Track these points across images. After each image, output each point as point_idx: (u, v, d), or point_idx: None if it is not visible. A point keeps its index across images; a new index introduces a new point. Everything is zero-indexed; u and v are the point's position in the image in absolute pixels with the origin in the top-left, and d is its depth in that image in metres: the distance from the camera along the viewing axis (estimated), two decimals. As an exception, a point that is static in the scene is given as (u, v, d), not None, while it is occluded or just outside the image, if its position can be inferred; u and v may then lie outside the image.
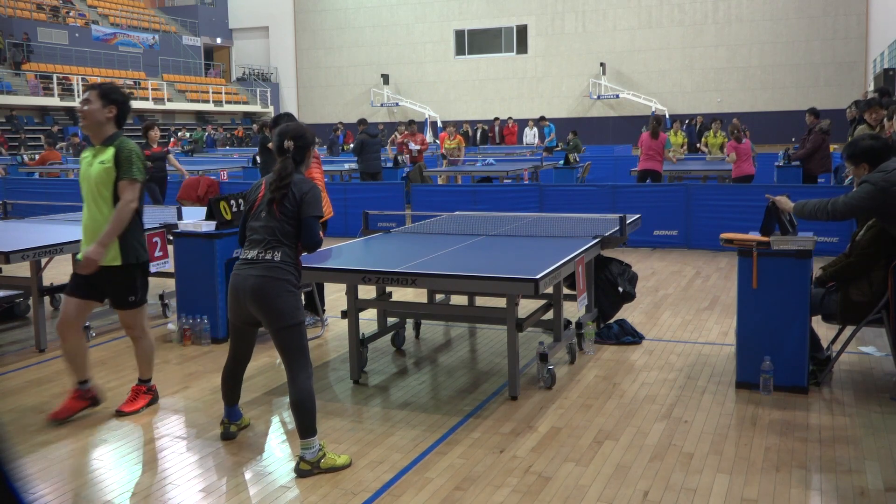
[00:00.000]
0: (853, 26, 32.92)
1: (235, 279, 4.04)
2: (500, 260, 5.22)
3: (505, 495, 3.68)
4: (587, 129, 31.36)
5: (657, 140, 12.22)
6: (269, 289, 3.92)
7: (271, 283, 3.92)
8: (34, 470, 4.05)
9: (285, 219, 3.98)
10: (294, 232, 4.01)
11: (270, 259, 3.95)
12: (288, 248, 3.99)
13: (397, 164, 16.15)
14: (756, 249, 4.95)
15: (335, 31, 40.99)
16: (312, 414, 3.95)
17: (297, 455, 3.99)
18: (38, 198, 13.73)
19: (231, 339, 4.29)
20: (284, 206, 3.98)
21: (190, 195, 10.65)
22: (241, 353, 4.31)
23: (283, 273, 3.95)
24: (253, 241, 4.03)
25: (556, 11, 37.02)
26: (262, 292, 3.92)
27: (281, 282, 3.93)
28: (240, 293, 4.00)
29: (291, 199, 3.98)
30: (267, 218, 4.01)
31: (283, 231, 3.98)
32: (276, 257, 3.95)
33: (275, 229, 3.98)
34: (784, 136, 28.19)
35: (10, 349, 6.40)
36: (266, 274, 3.93)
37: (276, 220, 3.99)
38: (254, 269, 3.96)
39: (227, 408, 4.43)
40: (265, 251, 3.97)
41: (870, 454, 4.07)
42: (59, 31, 34.05)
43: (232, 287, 4.06)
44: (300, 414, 3.94)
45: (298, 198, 3.99)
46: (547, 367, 5.12)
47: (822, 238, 8.74)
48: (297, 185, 4.02)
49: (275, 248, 3.97)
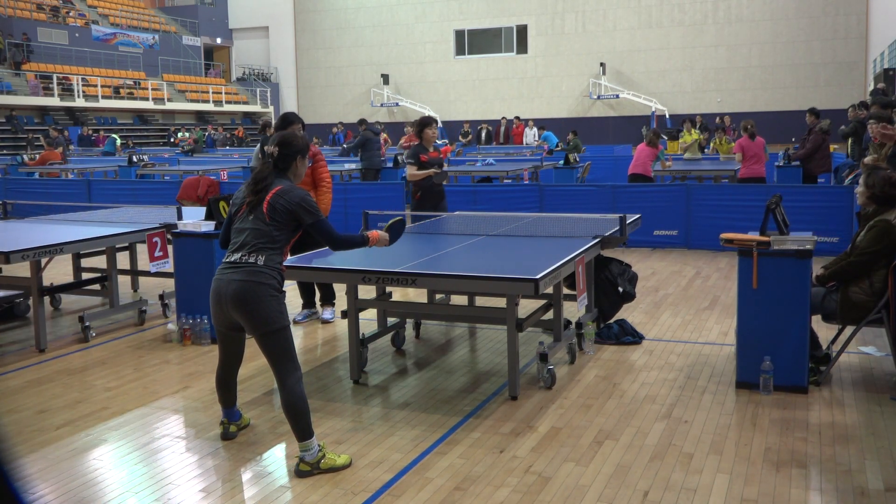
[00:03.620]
0: (853, 26, 32.90)
1: (217, 284, 3.97)
2: (500, 260, 5.22)
3: (505, 495, 3.68)
4: (587, 129, 31.33)
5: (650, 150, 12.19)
6: (251, 294, 3.85)
7: (253, 287, 3.86)
8: (34, 470, 4.05)
9: (275, 224, 3.93)
10: (282, 237, 3.96)
11: (254, 263, 3.89)
12: (273, 252, 3.93)
13: (397, 163, 16.15)
14: (756, 249, 4.95)
15: (335, 31, 40.97)
16: (306, 416, 3.92)
17: (297, 456, 3.99)
18: (38, 198, 13.72)
19: (219, 344, 4.26)
20: (275, 211, 3.92)
21: (190, 195, 10.65)
22: (231, 357, 4.27)
23: (266, 278, 3.89)
24: (237, 244, 3.97)
25: (556, 11, 37.00)
26: (244, 298, 3.86)
27: (263, 286, 3.87)
28: (222, 298, 3.94)
29: (284, 208, 3.92)
30: (255, 221, 3.95)
31: (271, 236, 3.92)
32: (259, 261, 3.90)
33: (262, 232, 3.92)
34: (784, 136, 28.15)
35: (10, 349, 6.40)
36: (248, 279, 3.86)
37: (265, 224, 3.93)
38: (236, 274, 3.90)
39: (224, 410, 4.42)
40: (249, 254, 3.91)
41: (870, 454, 4.07)
42: (59, 31, 34.03)
43: (213, 292, 3.99)
44: (294, 418, 3.91)
45: (292, 208, 3.93)
46: (547, 367, 5.12)
47: (822, 238, 8.74)
48: (287, 193, 3.96)
49: (259, 252, 3.91)
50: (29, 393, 5.28)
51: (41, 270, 6.40)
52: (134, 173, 16.56)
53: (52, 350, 6.26)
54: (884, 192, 5.04)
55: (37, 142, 26.08)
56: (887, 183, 5.05)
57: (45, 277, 6.66)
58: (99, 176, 16.86)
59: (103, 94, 32.56)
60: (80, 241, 6.46)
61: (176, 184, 13.08)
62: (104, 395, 5.19)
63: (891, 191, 5.04)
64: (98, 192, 14.04)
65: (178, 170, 17.43)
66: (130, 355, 6.14)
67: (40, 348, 6.24)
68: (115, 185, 15.46)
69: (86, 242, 6.54)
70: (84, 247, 6.63)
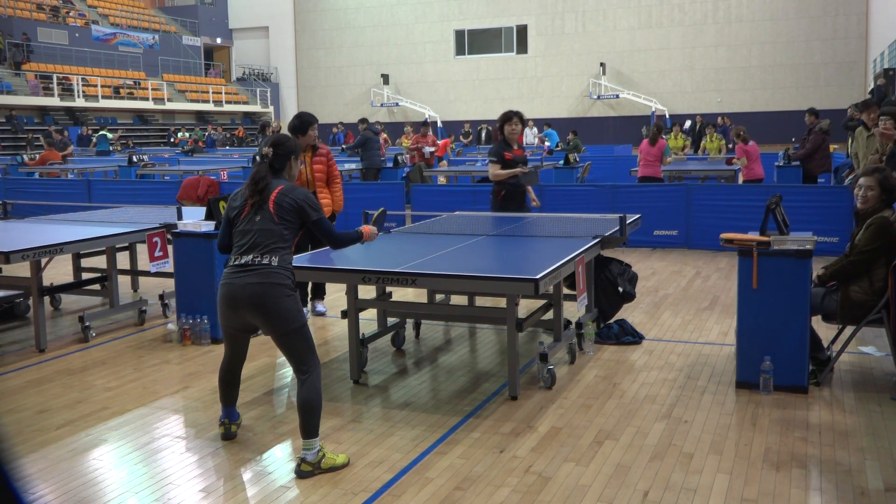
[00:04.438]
0: (853, 26, 32.91)
1: (230, 288, 3.95)
2: (500, 260, 5.23)
3: (505, 495, 3.68)
4: (587, 129, 31.35)
5: (655, 147, 12.21)
6: (269, 296, 3.87)
7: (271, 289, 3.87)
8: (34, 470, 4.05)
9: (284, 223, 3.96)
10: (291, 236, 4.01)
11: (268, 264, 3.90)
12: (285, 252, 3.97)
13: (397, 163, 16.16)
14: (756, 249, 4.95)
15: (335, 31, 40.99)
16: (318, 414, 3.94)
17: (299, 456, 3.98)
18: (38, 198, 13.72)
19: (226, 344, 4.27)
20: (282, 209, 3.96)
21: (190, 195, 10.65)
22: (237, 355, 4.30)
23: (282, 278, 3.91)
24: (246, 246, 3.96)
25: (556, 11, 37.01)
26: (262, 300, 3.87)
27: (279, 287, 3.89)
28: (237, 302, 3.93)
29: (290, 206, 3.97)
30: (262, 221, 3.95)
31: (282, 235, 3.96)
32: (273, 262, 3.91)
33: (273, 232, 3.94)
34: (784, 136, 28.18)
35: (10, 349, 6.40)
36: (265, 280, 3.87)
37: (274, 223, 3.95)
38: (251, 277, 3.89)
39: (224, 408, 4.42)
40: (261, 255, 3.92)
41: (870, 454, 4.07)
42: (59, 31, 34.04)
43: (226, 296, 3.97)
44: (307, 414, 3.91)
45: (298, 205, 3.98)
46: (547, 367, 5.12)
47: (822, 238, 8.74)
48: (292, 191, 4.03)
49: (273, 253, 3.92)
50: (29, 393, 5.28)
51: (41, 270, 6.40)
52: (134, 173, 16.57)
53: (52, 350, 6.26)
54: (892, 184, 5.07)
55: (36, 142, 26.09)
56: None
57: (45, 277, 6.66)
58: (99, 176, 16.87)
59: (103, 94, 32.58)
60: (80, 241, 6.46)
61: (176, 184, 13.08)
62: (104, 395, 5.19)
63: None
64: (98, 192, 14.05)
65: (178, 170, 17.44)
66: (130, 355, 6.14)
67: (40, 348, 6.24)
68: (115, 185, 15.46)
69: (86, 242, 6.54)
70: (84, 247, 6.63)
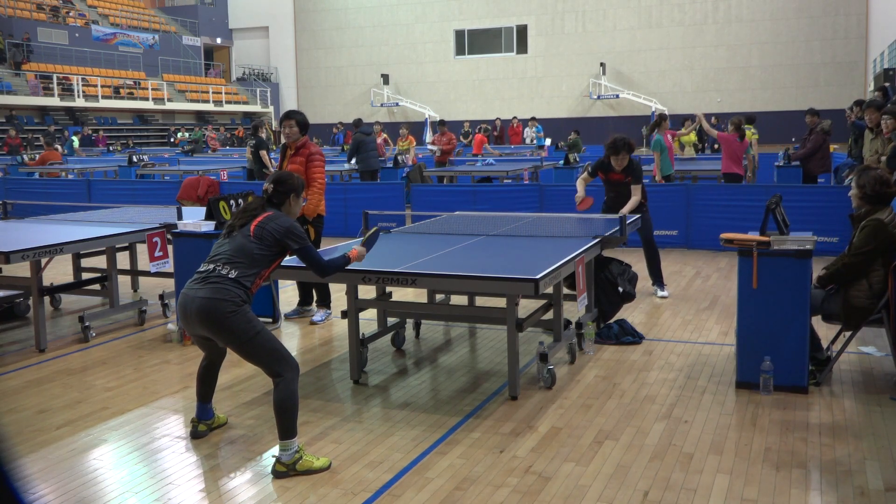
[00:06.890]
0: (853, 26, 32.91)
1: (184, 299, 4.00)
2: (500, 260, 5.22)
3: (505, 495, 3.68)
4: (587, 129, 31.33)
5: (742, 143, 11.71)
6: (216, 311, 3.87)
7: (215, 305, 3.86)
8: (34, 470, 4.05)
9: (260, 244, 3.99)
10: (262, 258, 4.01)
11: (225, 275, 3.92)
12: (247, 269, 3.96)
13: (397, 163, 16.15)
14: (756, 249, 4.95)
15: (335, 31, 40.99)
16: (294, 415, 3.93)
17: (274, 455, 4.00)
18: (38, 198, 13.73)
19: (198, 347, 4.35)
20: (263, 232, 4.00)
21: (190, 195, 10.65)
22: (213, 356, 4.38)
23: (229, 294, 3.88)
24: (212, 256, 4.04)
25: (556, 11, 37.01)
26: (208, 315, 3.88)
27: (224, 303, 3.87)
28: (187, 314, 3.97)
29: (271, 234, 4.00)
30: (237, 239, 4.02)
31: (251, 254, 3.98)
32: (231, 273, 3.93)
33: (243, 249, 3.98)
34: (784, 136, 28.16)
35: (10, 349, 6.40)
36: (210, 296, 3.88)
37: (248, 241, 3.99)
38: (202, 290, 3.92)
39: (199, 405, 4.45)
40: (222, 265, 3.96)
41: (870, 454, 4.07)
42: (59, 31, 34.04)
43: (180, 306, 4.03)
44: (281, 415, 3.91)
45: (280, 235, 4.01)
46: (547, 367, 5.12)
47: (822, 238, 8.74)
48: (276, 218, 4.06)
49: (233, 266, 3.95)
50: (29, 393, 5.28)
51: (41, 270, 6.40)
52: (134, 173, 16.57)
53: (52, 350, 6.26)
54: (875, 190, 5.04)
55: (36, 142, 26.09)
56: (878, 182, 5.06)
57: (45, 277, 6.66)
58: (99, 176, 16.87)
59: (103, 94, 32.57)
60: (80, 241, 6.46)
61: (176, 184, 13.09)
62: (104, 395, 5.19)
63: (882, 189, 5.04)
64: (98, 192, 14.06)
65: (178, 170, 17.46)
66: (130, 355, 6.14)
67: (40, 348, 6.24)
68: (115, 185, 15.48)
69: (86, 242, 6.54)
70: (84, 247, 6.63)
